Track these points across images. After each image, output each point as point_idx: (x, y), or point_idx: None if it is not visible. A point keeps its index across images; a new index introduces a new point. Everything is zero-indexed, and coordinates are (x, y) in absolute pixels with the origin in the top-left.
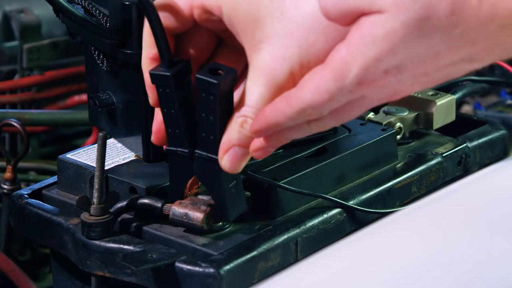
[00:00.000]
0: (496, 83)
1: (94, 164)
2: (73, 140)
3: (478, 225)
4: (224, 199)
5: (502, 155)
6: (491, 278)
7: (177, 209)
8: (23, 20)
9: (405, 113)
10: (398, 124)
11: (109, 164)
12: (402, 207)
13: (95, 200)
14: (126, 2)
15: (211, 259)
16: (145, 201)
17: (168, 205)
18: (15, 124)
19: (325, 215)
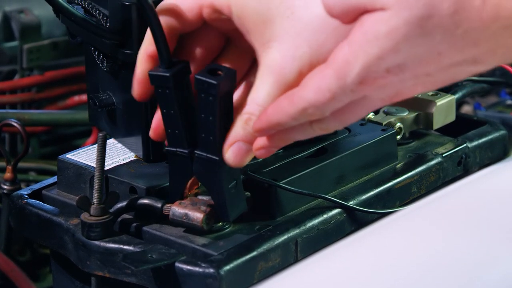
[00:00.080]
0: (496, 83)
1: (94, 165)
2: (73, 140)
3: (478, 225)
4: (224, 200)
5: (502, 155)
6: (491, 278)
7: (177, 209)
8: (23, 20)
9: (405, 113)
10: (398, 124)
11: (109, 164)
12: (402, 208)
13: (95, 201)
14: (126, 3)
15: (211, 259)
16: (145, 201)
17: (168, 205)
18: (15, 124)
19: (325, 216)
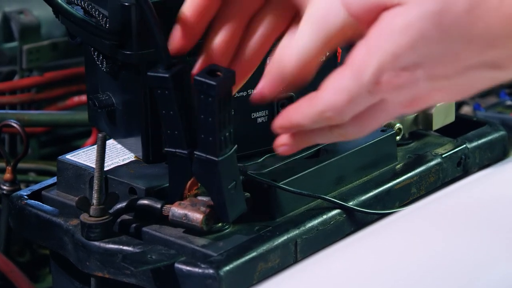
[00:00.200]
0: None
1: (93, 165)
2: (72, 141)
3: (478, 226)
4: (223, 200)
5: (502, 156)
6: (491, 279)
7: (176, 210)
8: (23, 21)
9: None
10: (398, 125)
11: (109, 165)
12: (402, 208)
13: (94, 201)
14: (126, 3)
15: (211, 260)
16: (145, 202)
17: (168, 206)
18: (15, 125)
19: (324, 216)
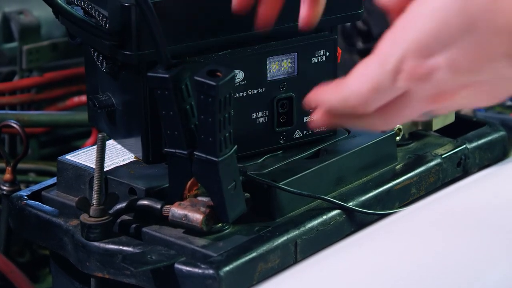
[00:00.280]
0: None
1: (93, 166)
2: (72, 141)
3: (478, 226)
4: (223, 201)
5: (502, 156)
6: (491, 279)
7: (176, 210)
8: (23, 21)
9: None
10: (398, 125)
11: (109, 165)
12: (402, 209)
13: (94, 202)
14: (125, 4)
15: (211, 260)
16: (145, 202)
17: (168, 206)
18: (15, 126)
19: (324, 217)
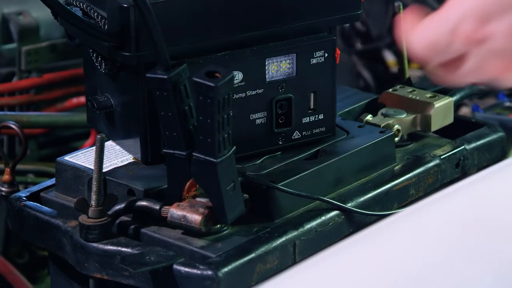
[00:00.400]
0: None
1: (92, 167)
2: (71, 142)
3: (477, 227)
4: (222, 202)
5: (500, 157)
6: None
7: (175, 211)
8: (22, 22)
9: (403, 115)
10: (396, 126)
11: (107, 166)
12: (400, 209)
13: (93, 203)
14: (124, 5)
15: (209, 261)
16: (143, 203)
17: (166, 207)
18: (13, 127)
19: (323, 218)
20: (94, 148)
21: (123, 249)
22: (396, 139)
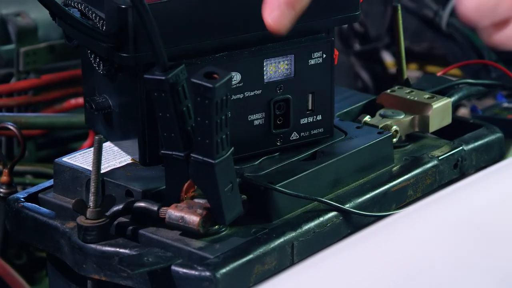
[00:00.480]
0: (492, 86)
1: (90, 168)
2: (69, 144)
3: (474, 228)
4: (220, 203)
5: (498, 158)
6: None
7: (173, 212)
8: (20, 23)
9: (401, 116)
10: (394, 127)
11: (105, 167)
12: (398, 210)
13: (91, 204)
14: (122, 6)
15: (207, 262)
16: (141, 204)
17: (164, 208)
18: (12, 128)
19: (321, 219)
20: (92, 149)
21: (121, 250)
22: (394, 140)
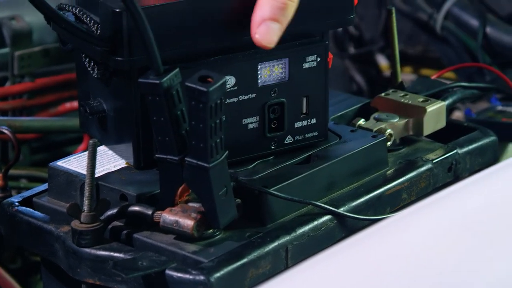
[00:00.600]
0: (486, 89)
1: (84, 172)
2: (64, 147)
3: (469, 231)
4: (214, 206)
5: (492, 161)
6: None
7: (167, 216)
8: (15, 27)
9: (396, 120)
10: (389, 130)
11: (100, 171)
12: (393, 214)
13: (85, 208)
14: (117, 9)
15: (202, 266)
16: (136, 208)
17: (159, 212)
18: (6, 132)
19: (315, 222)
20: (86, 153)
21: (116, 254)
22: (389, 143)
